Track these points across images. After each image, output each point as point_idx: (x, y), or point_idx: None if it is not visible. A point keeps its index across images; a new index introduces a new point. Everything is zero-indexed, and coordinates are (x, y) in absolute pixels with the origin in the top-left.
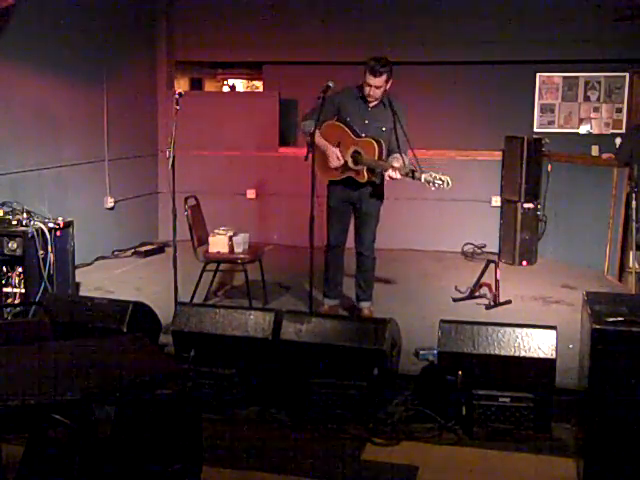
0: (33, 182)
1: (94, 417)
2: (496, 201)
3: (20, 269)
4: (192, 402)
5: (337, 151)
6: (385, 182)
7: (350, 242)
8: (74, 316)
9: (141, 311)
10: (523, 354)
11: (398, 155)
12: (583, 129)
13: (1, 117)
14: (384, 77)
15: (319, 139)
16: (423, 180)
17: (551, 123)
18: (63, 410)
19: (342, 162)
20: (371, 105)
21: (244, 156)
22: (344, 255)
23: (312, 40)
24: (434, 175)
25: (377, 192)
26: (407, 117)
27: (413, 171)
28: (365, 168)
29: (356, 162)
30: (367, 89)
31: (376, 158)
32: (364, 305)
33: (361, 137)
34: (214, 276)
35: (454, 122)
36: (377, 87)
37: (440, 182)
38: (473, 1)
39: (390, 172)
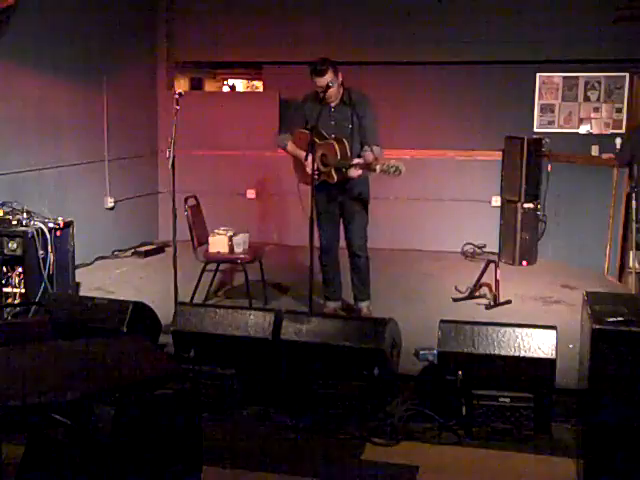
0: (33, 182)
1: (94, 417)
2: (496, 201)
3: (20, 269)
4: (192, 402)
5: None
6: (370, 181)
7: (343, 243)
8: (74, 316)
9: (141, 311)
10: (523, 354)
11: (368, 149)
12: (583, 129)
13: (1, 117)
14: (328, 75)
15: (292, 148)
16: (378, 171)
17: (551, 123)
18: (63, 410)
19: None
20: (333, 105)
21: (244, 156)
22: (339, 256)
23: (312, 40)
24: (387, 164)
25: (361, 192)
26: (372, 107)
27: (369, 164)
28: (332, 169)
29: (325, 164)
30: (321, 93)
31: (339, 158)
32: (362, 305)
33: (324, 140)
34: (214, 276)
35: (454, 122)
36: (326, 88)
37: (393, 169)
38: (473, 1)
39: (350, 171)
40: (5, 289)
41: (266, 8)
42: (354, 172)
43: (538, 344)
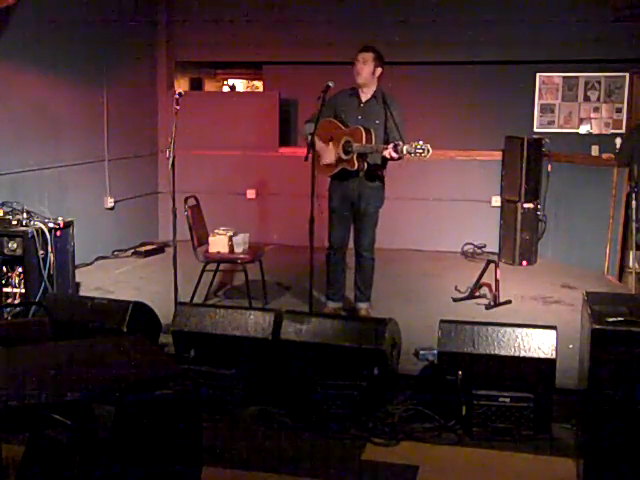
0: (33, 182)
1: (94, 417)
2: (496, 201)
3: (20, 269)
4: (192, 402)
5: (328, 150)
6: (386, 183)
7: (350, 243)
8: (74, 316)
9: (141, 311)
10: (523, 354)
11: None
12: (583, 129)
13: (1, 117)
14: (371, 54)
15: (315, 138)
16: (405, 152)
17: (551, 123)
18: (63, 410)
19: (333, 160)
20: (364, 101)
21: (244, 156)
22: (346, 257)
23: (312, 40)
24: (414, 145)
25: (377, 193)
26: (401, 109)
27: (396, 145)
28: (355, 155)
29: (347, 152)
30: (355, 71)
31: (364, 142)
32: (361, 306)
33: (350, 126)
34: (214, 276)
35: (454, 122)
36: (364, 62)
37: (420, 150)
38: (473, 1)
39: (385, 152)
40: (5, 289)
41: (266, 8)
42: (387, 152)
43: (538, 344)
